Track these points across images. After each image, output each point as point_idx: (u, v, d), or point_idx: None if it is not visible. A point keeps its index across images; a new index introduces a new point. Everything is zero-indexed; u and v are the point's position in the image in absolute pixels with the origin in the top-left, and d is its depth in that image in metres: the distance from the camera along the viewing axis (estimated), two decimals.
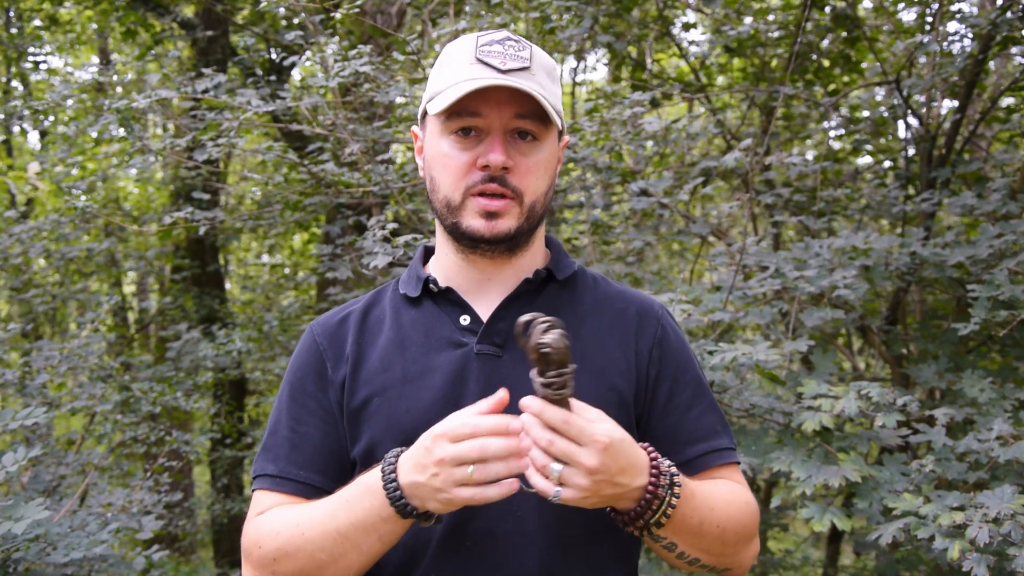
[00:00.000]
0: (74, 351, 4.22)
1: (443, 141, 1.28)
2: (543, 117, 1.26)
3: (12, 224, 5.18)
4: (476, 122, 1.25)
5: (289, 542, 1.20)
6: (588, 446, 1.06)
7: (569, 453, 1.06)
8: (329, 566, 1.18)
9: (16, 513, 1.94)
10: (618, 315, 1.36)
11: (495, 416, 1.09)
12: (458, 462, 1.07)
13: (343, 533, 1.16)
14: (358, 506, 1.15)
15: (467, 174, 1.26)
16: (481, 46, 1.26)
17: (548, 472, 1.06)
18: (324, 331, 1.38)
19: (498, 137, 1.25)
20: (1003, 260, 2.86)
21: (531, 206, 1.28)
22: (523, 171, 1.26)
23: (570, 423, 1.06)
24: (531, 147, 1.27)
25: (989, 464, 2.34)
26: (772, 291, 3.25)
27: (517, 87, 1.22)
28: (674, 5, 4.91)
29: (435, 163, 1.30)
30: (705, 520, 1.20)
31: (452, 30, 3.42)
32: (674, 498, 1.14)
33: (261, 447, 1.36)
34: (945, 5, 3.78)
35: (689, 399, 1.35)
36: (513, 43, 1.27)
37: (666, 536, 1.18)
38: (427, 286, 1.35)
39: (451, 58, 1.29)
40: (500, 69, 1.24)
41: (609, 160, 3.77)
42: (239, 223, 5.83)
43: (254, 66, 5.73)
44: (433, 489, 1.09)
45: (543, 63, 1.29)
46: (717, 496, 1.24)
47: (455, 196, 1.27)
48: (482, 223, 1.26)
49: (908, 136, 4.06)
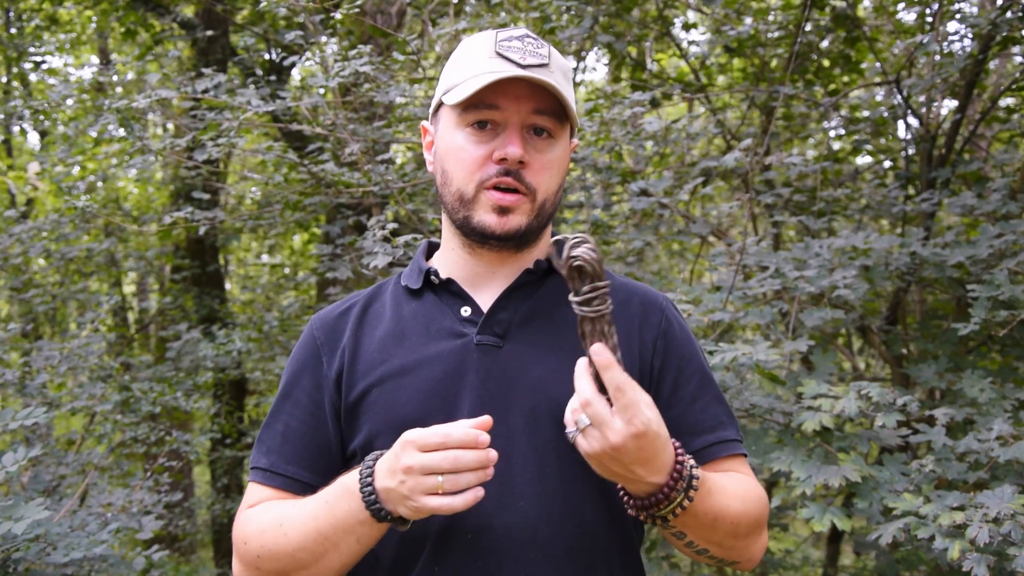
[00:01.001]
0: (74, 351, 4.22)
1: (458, 134, 1.27)
2: (560, 114, 1.26)
3: (12, 224, 5.18)
4: (493, 115, 1.25)
5: (273, 541, 1.21)
6: (622, 424, 1.05)
7: (602, 419, 1.06)
8: (311, 565, 1.19)
9: (16, 513, 1.94)
10: (622, 306, 1.35)
11: (464, 428, 1.09)
12: (427, 471, 1.07)
13: (323, 533, 1.17)
14: (337, 507, 1.16)
15: (482, 167, 1.25)
16: (500, 41, 1.26)
17: (577, 416, 1.08)
18: (322, 324, 1.38)
19: (516, 131, 1.24)
20: (1003, 260, 2.86)
21: (542, 204, 1.27)
22: (538, 167, 1.26)
23: (624, 392, 1.05)
24: (546, 144, 1.27)
25: (989, 464, 2.34)
26: (772, 291, 3.25)
27: (538, 80, 1.22)
28: (674, 5, 4.91)
29: (448, 156, 1.29)
30: (720, 516, 1.19)
31: (452, 30, 3.42)
32: (687, 500, 1.13)
33: (257, 437, 1.37)
34: (945, 5, 3.77)
35: (694, 390, 1.34)
36: (532, 40, 1.27)
37: (676, 527, 1.17)
38: (428, 278, 1.35)
39: (469, 52, 1.29)
40: (520, 64, 1.23)
41: (609, 160, 3.76)
42: (239, 223, 5.83)
43: (254, 66, 5.73)
44: (402, 496, 1.09)
45: (560, 63, 1.29)
46: (732, 492, 1.23)
47: (468, 189, 1.26)
48: (494, 218, 1.25)
49: (908, 136, 4.05)
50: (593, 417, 1.06)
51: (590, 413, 1.06)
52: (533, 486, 1.23)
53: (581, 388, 1.07)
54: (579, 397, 1.07)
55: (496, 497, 1.15)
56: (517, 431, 1.24)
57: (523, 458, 1.23)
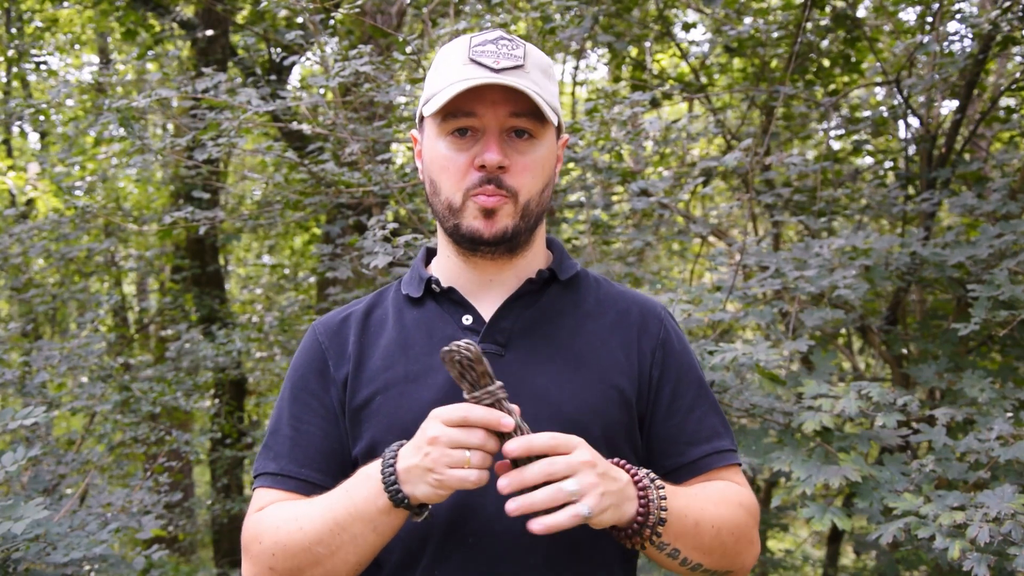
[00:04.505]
0: (74, 351, 4.22)
1: (440, 143, 1.28)
2: (539, 115, 1.26)
3: (12, 224, 5.18)
4: (472, 122, 1.25)
5: (288, 536, 1.20)
6: (577, 446, 1.10)
7: (570, 463, 1.08)
8: (326, 560, 1.18)
9: (16, 513, 1.94)
10: (620, 316, 1.36)
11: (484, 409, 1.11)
12: (455, 444, 1.08)
13: (340, 523, 1.16)
14: (355, 494, 1.16)
15: (466, 175, 1.26)
16: (474, 46, 1.26)
17: (563, 495, 1.08)
18: (326, 330, 1.38)
19: (493, 136, 1.25)
20: (1003, 260, 2.86)
21: (525, 204, 1.27)
22: (519, 169, 1.26)
23: (556, 438, 1.09)
24: (528, 145, 1.27)
25: (989, 464, 2.34)
26: (772, 291, 3.25)
27: (510, 85, 1.22)
28: (674, 5, 4.91)
29: (434, 166, 1.30)
30: (699, 519, 1.21)
31: (452, 30, 3.42)
32: (660, 488, 1.16)
33: (263, 445, 1.36)
34: (945, 5, 3.77)
35: (692, 401, 1.35)
36: (506, 42, 1.27)
37: (669, 541, 1.18)
38: (429, 286, 1.35)
39: (445, 60, 1.29)
40: (493, 68, 1.23)
41: (609, 160, 3.76)
42: (239, 223, 5.83)
43: (254, 66, 5.73)
44: (424, 469, 1.10)
45: (537, 61, 1.29)
46: (704, 496, 1.25)
47: (456, 198, 1.27)
48: (481, 222, 1.26)
49: (908, 136, 4.05)
50: (565, 468, 1.08)
51: (558, 470, 1.08)
52: None
53: (531, 475, 1.09)
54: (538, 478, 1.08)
55: (497, 502, 1.15)
56: None
57: None
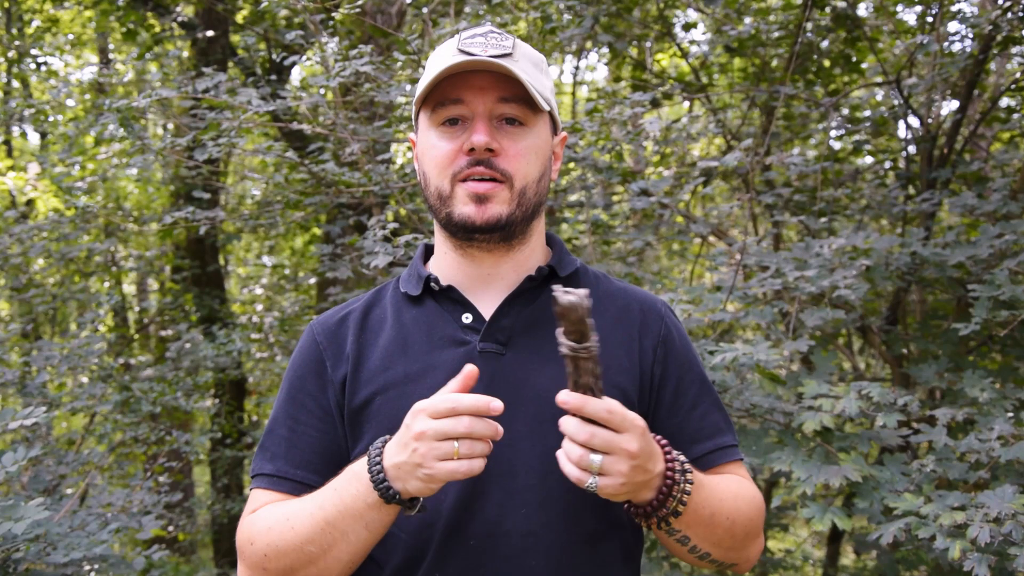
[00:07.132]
0: (74, 351, 4.22)
1: (431, 134, 1.29)
2: (529, 102, 1.25)
3: (12, 224, 5.18)
4: (461, 110, 1.26)
5: (280, 536, 1.20)
6: (629, 431, 1.07)
7: (611, 442, 1.06)
8: (319, 559, 1.18)
9: (16, 513, 1.94)
10: (622, 312, 1.35)
11: (473, 396, 1.09)
12: (441, 436, 1.07)
13: (331, 522, 1.16)
14: (345, 492, 1.15)
15: (453, 161, 1.26)
16: (464, 39, 1.27)
17: (587, 463, 1.07)
18: (324, 330, 1.37)
19: (482, 120, 1.25)
20: (1004, 260, 2.86)
21: (522, 191, 1.27)
22: (511, 155, 1.26)
23: (613, 412, 1.07)
24: (519, 132, 1.27)
25: (990, 464, 2.34)
26: (772, 291, 3.25)
27: (496, 66, 1.22)
28: (675, 5, 4.91)
29: (424, 156, 1.30)
30: (716, 511, 1.21)
31: (452, 30, 3.42)
32: (688, 484, 1.15)
33: (259, 446, 1.35)
34: (945, 5, 3.77)
35: (694, 397, 1.35)
36: (496, 35, 1.27)
37: (680, 528, 1.18)
38: (428, 284, 1.34)
39: (437, 54, 1.30)
40: (481, 56, 1.24)
41: (609, 160, 3.76)
42: (239, 223, 5.83)
43: (254, 66, 5.73)
44: (414, 465, 1.08)
45: (527, 53, 1.29)
46: (724, 488, 1.25)
47: (444, 185, 1.27)
48: (472, 208, 1.25)
49: (908, 136, 4.05)
50: (603, 445, 1.06)
51: (599, 443, 1.06)
52: (536, 493, 1.23)
53: (574, 432, 1.07)
54: (577, 438, 1.07)
55: (498, 504, 1.15)
56: (520, 438, 1.24)
57: (526, 465, 1.23)
